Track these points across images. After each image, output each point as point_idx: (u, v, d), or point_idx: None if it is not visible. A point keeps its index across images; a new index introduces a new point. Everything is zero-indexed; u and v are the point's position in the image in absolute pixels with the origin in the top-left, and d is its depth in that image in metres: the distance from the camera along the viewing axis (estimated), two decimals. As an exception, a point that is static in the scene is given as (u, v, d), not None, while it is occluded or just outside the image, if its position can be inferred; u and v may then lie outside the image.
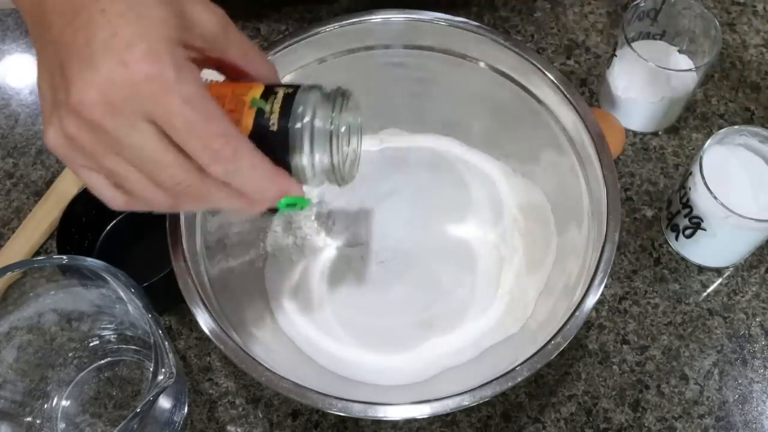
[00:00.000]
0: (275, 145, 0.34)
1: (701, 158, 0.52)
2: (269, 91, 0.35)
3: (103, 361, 0.53)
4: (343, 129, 0.35)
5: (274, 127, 0.34)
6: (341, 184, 0.37)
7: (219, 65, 0.36)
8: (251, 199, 0.34)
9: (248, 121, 0.34)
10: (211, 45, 0.34)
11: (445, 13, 0.51)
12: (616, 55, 0.61)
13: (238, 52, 0.36)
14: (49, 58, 0.32)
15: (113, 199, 0.34)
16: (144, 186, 0.33)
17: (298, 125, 0.34)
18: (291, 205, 0.35)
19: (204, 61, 0.35)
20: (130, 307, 0.46)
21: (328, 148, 0.35)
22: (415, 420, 0.52)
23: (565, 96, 0.49)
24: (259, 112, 0.34)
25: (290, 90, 0.35)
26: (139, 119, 0.31)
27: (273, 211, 0.36)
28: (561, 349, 0.41)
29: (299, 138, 0.34)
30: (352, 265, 0.55)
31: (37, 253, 0.59)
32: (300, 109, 0.34)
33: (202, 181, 0.32)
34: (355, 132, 0.40)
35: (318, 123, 0.34)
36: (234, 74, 0.37)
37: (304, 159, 0.35)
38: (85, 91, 0.30)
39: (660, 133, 0.64)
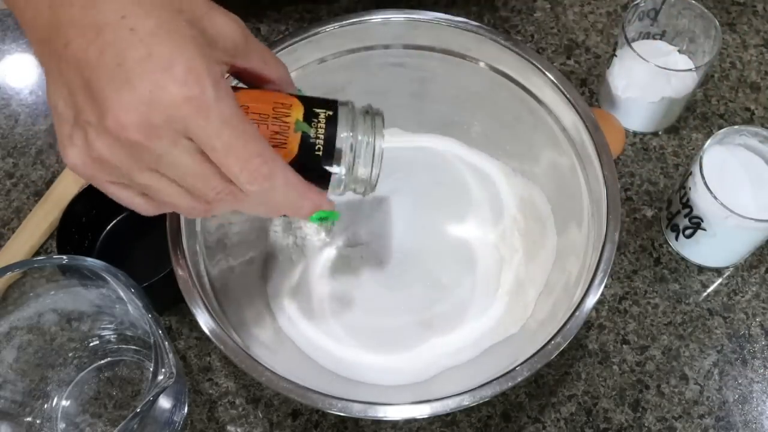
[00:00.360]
0: (319, 166, 0.37)
1: (701, 158, 0.52)
2: (309, 113, 0.36)
3: (103, 361, 0.53)
4: (383, 145, 0.38)
5: (320, 152, 0.36)
6: (369, 193, 0.40)
7: (238, 72, 0.36)
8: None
9: (294, 145, 0.36)
10: (234, 56, 0.34)
11: (445, 13, 0.52)
12: (616, 55, 0.61)
13: (259, 59, 0.36)
14: (66, 75, 0.31)
15: (144, 207, 0.34)
16: (180, 196, 0.33)
17: (344, 146, 0.37)
18: (322, 219, 0.37)
19: (228, 71, 0.35)
20: (130, 307, 0.46)
21: (370, 164, 0.38)
22: (415, 420, 0.52)
23: (565, 96, 0.49)
24: (305, 136, 0.36)
25: (330, 112, 0.37)
26: (180, 137, 0.30)
27: None
28: (561, 349, 0.41)
29: (345, 158, 0.37)
30: (352, 265, 0.55)
31: (37, 253, 0.59)
32: (345, 132, 0.37)
33: (240, 190, 0.33)
34: None
35: (362, 140, 0.38)
36: (252, 80, 0.37)
37: (344, 175, 0.37)
38: (124, 112, 0.29)
39: (660, 133, 0.64)
